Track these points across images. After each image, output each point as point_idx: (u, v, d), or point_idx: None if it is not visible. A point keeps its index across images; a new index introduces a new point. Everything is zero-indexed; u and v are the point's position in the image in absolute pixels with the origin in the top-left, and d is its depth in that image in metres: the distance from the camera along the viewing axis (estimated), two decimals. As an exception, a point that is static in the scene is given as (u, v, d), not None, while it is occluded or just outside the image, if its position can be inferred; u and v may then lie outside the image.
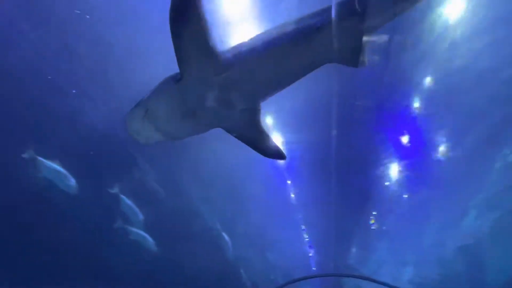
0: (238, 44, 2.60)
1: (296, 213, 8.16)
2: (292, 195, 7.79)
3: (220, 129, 3.13)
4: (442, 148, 6.08)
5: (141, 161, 8.15)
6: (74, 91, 5.04)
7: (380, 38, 4.24)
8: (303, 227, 8.69)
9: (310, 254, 9.38)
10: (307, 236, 8.92)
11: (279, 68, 2.51)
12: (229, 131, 2.95)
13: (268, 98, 2.80)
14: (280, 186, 7.56)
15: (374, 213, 8.36)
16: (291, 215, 8.15)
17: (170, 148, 7.27)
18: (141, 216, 9.09)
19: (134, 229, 9.24)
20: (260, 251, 9.90)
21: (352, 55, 2.46)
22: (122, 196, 8.36)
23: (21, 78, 4.75)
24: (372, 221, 8.47)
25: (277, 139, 6.17)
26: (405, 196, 7.50)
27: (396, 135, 5.95)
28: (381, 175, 6.93)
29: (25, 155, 5.16)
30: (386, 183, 7.18)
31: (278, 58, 2.46)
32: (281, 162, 6.76)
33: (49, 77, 4.83)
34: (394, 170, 6.72)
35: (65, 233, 7.24)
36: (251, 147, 3.09)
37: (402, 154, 6.32)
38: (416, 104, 5.18)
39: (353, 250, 9.87)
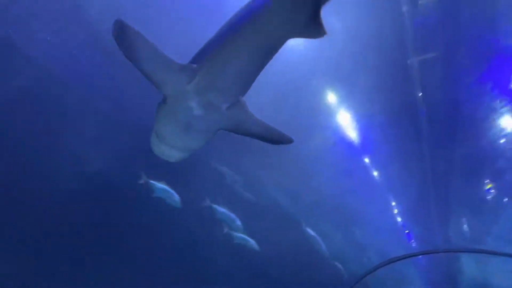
0: (201, 47, 2.78)
1: (382, 188, 7.71)
2: (375, 173, 7.46)
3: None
4: None
5: (228, 172, 9.23)
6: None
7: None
8: (393, 202, 8.08)
9: (407, 231, 8.61)
10: (397, 210, 8.25)
11: (243, 56, 2.53)
12: (229, 130, 3.12)
13: (246, 88, 2.87)
14: (358, 166, 7.28)
15: (487, 181, 7.28)
16: (377, 192, 7.74)
17: (248, 153, 8.06)
18: (238, 222, 10.16)
19: (236, 234, 10.32)
20: (349, 236, 9.66)
21: (310, 26, 2.38)
22: (216, 206, 9.52)
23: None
24: (488, 186, 7.34)
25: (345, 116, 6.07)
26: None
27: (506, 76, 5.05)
28: (492, 129, 5.94)
29: (141, 181, 6.72)
30: (502, 140, 6.11)
31: (239, 47, 2.49)
32: (353, 138, 6.51)
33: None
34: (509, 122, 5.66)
35: (178, 242, 8.67)
36: (258, 139, 3.22)
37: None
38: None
39: (466, 222, 8.67)
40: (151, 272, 9.14)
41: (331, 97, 5.72)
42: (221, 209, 9.93)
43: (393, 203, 8.23)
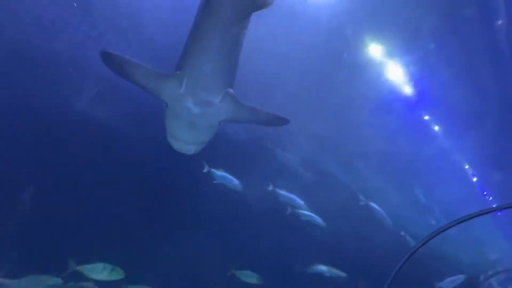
0: (180, 54, 3.08)
1: (446, 145, 7.18)
2: (436, 128, 6.99)
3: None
4: None
5: (280, 153, 9.60)
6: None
7: None
8: (458, 150, 7.32)
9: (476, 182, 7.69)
10: (468, 167, 7.48)
11: (212, 50, 2.75)
12: (229, 121, 3.43)
13: (231, 80, 3.09)
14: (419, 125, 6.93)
15: None
16: (440, 149, 7.23)
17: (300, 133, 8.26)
18: (300, 201, 10.50)
19: (302, 211, 10.67)
20: (412, 199, 9.17)
21: None
22: (278, 189, 9.96)
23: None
24: None
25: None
26: None
27: None
28: None
29: (204, 170, 7.53)
30: None
31: (204, 42, 2.73)
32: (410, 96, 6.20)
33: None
34: None
35: (244, 223, 9.36)
36: (256, 124, 3.52)
37: None
38: None
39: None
40: (228, 255, 10.00)
41: (376, 49, 5.51)
42: (282, 191, 10.37)
43: (459, 153, 7.46)
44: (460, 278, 10.10)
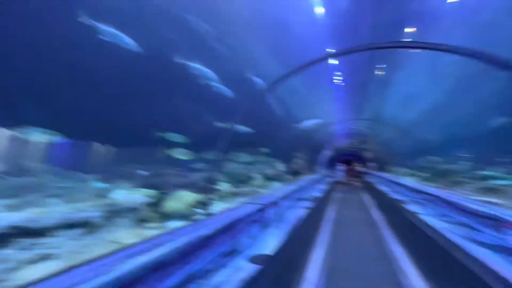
0: None
1: None
2: None
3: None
4: None
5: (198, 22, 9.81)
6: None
7: None
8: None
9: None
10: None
11: None
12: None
13: None
14: None
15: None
16: None
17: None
18: (212, 74, 11.37)
19: (213, 83, 11.65)
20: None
21: None
22: (190, 63, 10.48)
23: None
24: None
25: None
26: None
27: None
28: None
29: (81, 19, 7.28)
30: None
31: None
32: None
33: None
34: None
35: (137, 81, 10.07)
36: None
37: None
38: None
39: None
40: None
41: None
42: (195, 65, 10.98)
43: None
44: (317, 121, 12.23)
